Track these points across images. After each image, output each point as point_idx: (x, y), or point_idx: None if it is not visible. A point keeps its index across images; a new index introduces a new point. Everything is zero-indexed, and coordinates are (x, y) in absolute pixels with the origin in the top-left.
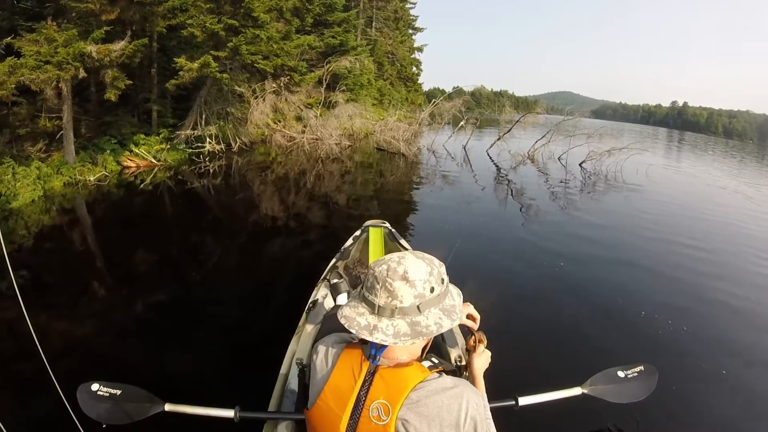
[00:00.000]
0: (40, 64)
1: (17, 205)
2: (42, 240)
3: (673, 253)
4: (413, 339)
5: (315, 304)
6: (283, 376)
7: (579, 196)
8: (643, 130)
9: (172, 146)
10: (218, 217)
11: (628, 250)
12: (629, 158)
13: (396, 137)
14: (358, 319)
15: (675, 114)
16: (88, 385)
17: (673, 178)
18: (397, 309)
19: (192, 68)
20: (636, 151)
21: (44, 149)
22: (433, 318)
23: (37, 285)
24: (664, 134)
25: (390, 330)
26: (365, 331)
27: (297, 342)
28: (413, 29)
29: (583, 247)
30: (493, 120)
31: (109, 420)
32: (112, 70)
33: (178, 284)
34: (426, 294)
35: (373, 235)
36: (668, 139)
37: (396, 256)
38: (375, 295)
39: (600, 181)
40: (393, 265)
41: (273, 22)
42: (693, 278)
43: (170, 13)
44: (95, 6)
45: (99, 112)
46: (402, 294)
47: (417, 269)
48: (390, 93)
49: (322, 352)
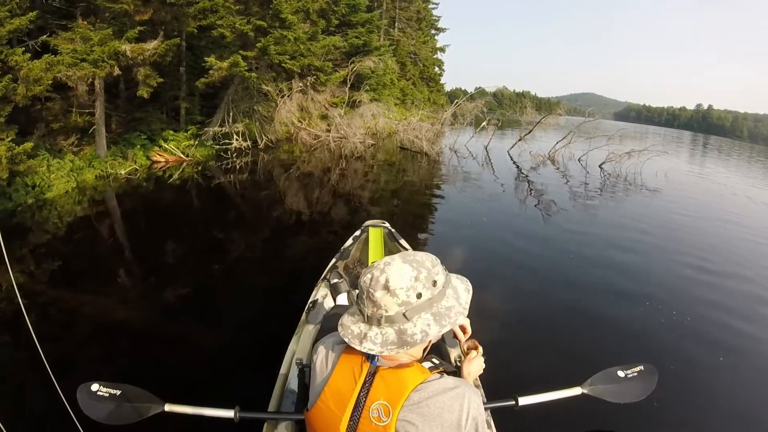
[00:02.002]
0: (77, 61)
1: (51, 196)
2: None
3: (680, 256)
4: (399, 348)
5: (315, 304)
6: (283, 376)
7: (592, 197)
8: (667, 134)
9: (199, 142)
10: (238, 215)
11: (634, 252)
12: (649, 160)
13: (419, 136)
14: (352, 327)
15: (699, 117)
16: (88, 385)
17: (693, 183)
18: (384, 317)
19: (222, 67)
20: (656, 153)
21: (76, 143)
22: (421, 325)
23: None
24: (688, 138)
25: (378, 339)
26: (356, 340)
27: (297, 342)
28: (436, 29)
29: (587, 247)
30: (514, 121)
31: (109, 420)
32: (144, 69)
33: (179, 284)
34: (412, 301)
35: (373, 235)
36: (692, 143)
37: (383, 262)
38: (363, 305)
39: (618, 182)
40: (376, 274)
41: (300, 23)
42: (697, 282)
43: (201, 14)
44: (129, 7)
45: (128, 108)
46: (385, 304)
47: (400, 277)
48: (412, 93)
49: (322, 353)
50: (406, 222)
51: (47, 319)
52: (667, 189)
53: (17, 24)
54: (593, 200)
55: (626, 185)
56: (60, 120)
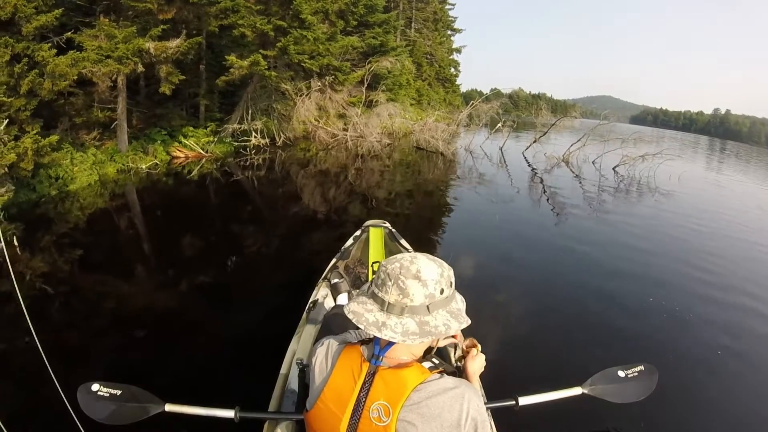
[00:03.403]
0: (102, 58)
1: (74, 188)
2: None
3: (684, 258)
4: (422, 338)
5: (315, 304)
6: (283, 376)
7: (604, 199)
8: (684, 138)
9: (219, 139)
10: (252, 212)
11: (637, 253)
12: (662, 164)
13: (435, 137)
14: (366, 315)
15: (717, 122)
16: (88, 385)
17: (706, 189)
18: (407, 307)
19: (242, 66)
20: (669, 156)
21: (98, 137)
22: (442, 319)
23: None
24: (705, 143)
25: (399, 328)
26: (374, 327)
27: (297, 342)
28: (452, 30)
29: (591, 247)
30: (529, 123)
31: (109, 420)
32: (166, 66)
33: (180, 283)
34: (436, 295)
35: (373, 235)
36: (709, 148)
37: (408, 255)
38: (386, 292)
39: (632, 185)
40: (406, 264)
41: (319, 24)
42: (698, 283)
43: (222, 14)
44: (153, 5)
45: (149, 104)
46: (413, 292)
47: (429, 270)
48: (428, 93)
49: (321, 353)
50: (422, 217)
51: (47, 318)
52: (680, 193)
53: (43, 21)
54: (605, 203)
55: (639, 188)
56: (83, 115)
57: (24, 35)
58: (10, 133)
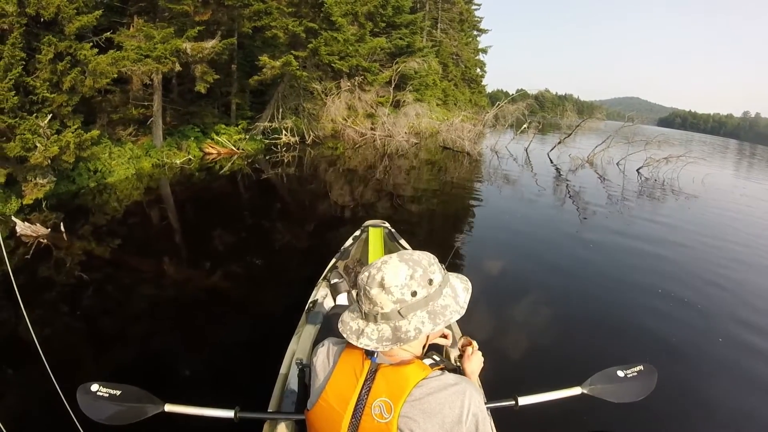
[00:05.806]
0: (141, 57)
1: (112, 181)
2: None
3: (688, 260)
4: (393, 344)
5: (315, 304)
6: (283, 376)
7: (628, 198)
8: (713, 142)
9: (250, 137)
10: (281, 209)
11: (640, 254)
12: (687, 166)
13: (461, 136)
14: (350, 324)
15: (746, 125)
16: (88, 385)
17: (730, 193)
18: (380, 314)
19: (275, 66)
20: (692, 159)
21: (134, 133)
22: (415, 322)
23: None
24: (734, 147)
25: (375, 335)
26: (353, 336)
27: (297, 342)
28: (478, 31)
29: (599, 249)
30: (555, 124)
31: (109, 420)
32: (202, 66)
33: (180, 284)
34: (407, 299)
35: (372, 235)
36: (738, 152)
37: (380, 261)
38: (361, 302)
39: (654, 187)
40: (373, 273)
41: (348, 26)
42: (700, 283)
43: (255, 16)
44: (190, 8)
45: (181, 102)
46: (380, 301)
47: (395, 275)
48: (454, 94)
49: (323, 352)
50: (447, 215)
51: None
52: (703, 196)
53: (84, 21)
54: (627, 204)
55: (662, 190)
56: (119, 111)
57: (66, 35)
58: (52, 127)
